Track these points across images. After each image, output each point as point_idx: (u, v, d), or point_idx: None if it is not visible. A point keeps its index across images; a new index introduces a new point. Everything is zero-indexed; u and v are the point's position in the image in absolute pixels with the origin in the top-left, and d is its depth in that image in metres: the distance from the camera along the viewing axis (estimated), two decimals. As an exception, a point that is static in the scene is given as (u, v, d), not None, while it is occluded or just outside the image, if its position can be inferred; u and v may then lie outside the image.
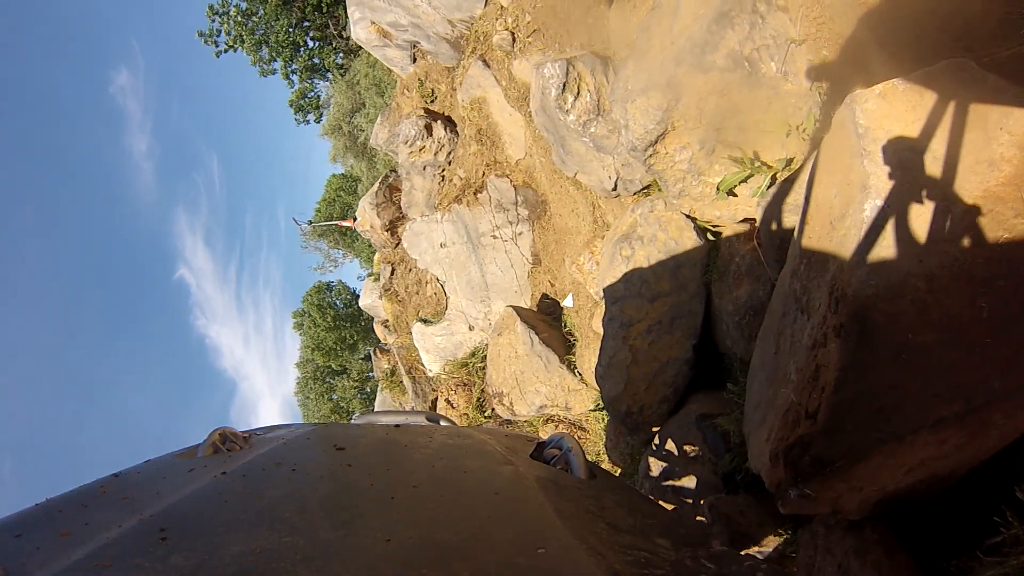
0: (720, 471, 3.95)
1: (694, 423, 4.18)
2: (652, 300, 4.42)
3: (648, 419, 4.52)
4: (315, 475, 1.60)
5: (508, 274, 8.26)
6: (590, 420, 6.52)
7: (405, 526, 1.24)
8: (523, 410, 6.91)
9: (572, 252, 6.49)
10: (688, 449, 4.17)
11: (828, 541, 2.71)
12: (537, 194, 7.92)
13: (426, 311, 9.38)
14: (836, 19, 3.73)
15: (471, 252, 8.59)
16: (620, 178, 5.29)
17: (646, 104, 4.15)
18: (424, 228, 9.16)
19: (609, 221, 6.12)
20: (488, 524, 1.30)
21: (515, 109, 7.97)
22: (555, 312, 7.42)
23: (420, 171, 9.84)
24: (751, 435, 3.16)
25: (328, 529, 1.20)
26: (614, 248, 4.65)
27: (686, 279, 4.37)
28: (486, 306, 8.48)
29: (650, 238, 4.48)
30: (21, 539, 1.22)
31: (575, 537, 1.21)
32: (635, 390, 4.46)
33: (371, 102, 24.73)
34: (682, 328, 4.36)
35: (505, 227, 8.26)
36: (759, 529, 3.37)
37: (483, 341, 8.52)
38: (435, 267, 9.08)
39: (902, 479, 2.37)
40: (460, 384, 8.41)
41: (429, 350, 9.10)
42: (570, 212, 7.04)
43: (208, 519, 1.26)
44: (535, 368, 6.66)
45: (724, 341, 4.29)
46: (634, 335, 4.44)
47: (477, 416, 7.88)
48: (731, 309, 4.10)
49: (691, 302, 4.36)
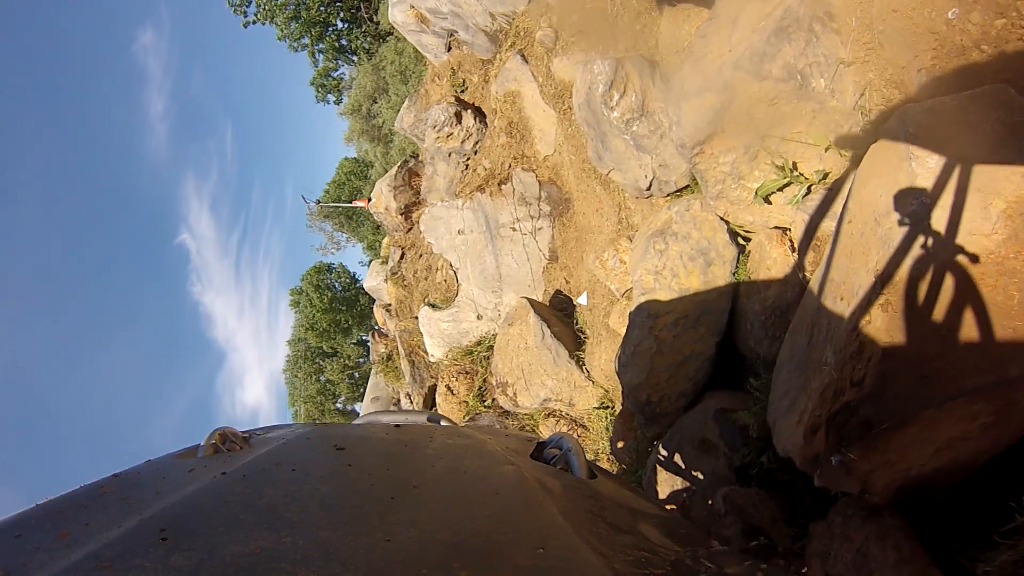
0: (735, 464, 3.99)
1: (712, 416, 4.22)
2: (681, 294, 4.49)
3: (665, 410, 4.55)
4: (315, 475, 1.61)
5: (523, 267, 8.28)
6: (592, 418, 6.53)
7: (405, 526, 1.24)
8: (527, 402, 6.92)
9: (595, 249, 6.52)
10: (703, 442, 4.19)
11: (846, 529, 2.77)
12: (561, 191, 7.96)
13: (434, 297, 9.39)
14: (885, 45, 3.82)
15: (488, 242, 8.62)
16: (656, 178, 5.34)
17: (700, 104, 4.23)
18: (443, 213, 9.17)
19: (635, 222, 6.15)
20: (488, 524, 1.31)
21: (549, 106, 8.02)
22: (567, 309, 7.44)
23: (445, 157, 9.89)
24: (777, 422, 3.26)
25: (328, 529, 1.21)
26: (648, 242, 4.70)
27: (715, 277, 4.45)
28: (497, 297, 8.49)
29: (684, 235, 4.55)
30: (21, 540, 1.23)
31: (575, 537, 1.22)
32: (657, 380, 4.50)
33: (394, 89, 24.78)
34: (707, 324, 4.42)
35: (526, 220, 8.28)
36: (771, 523, 3.40)
37: (490, 331, 8.53)
38: (450, 253, 9.09)
39: (927, 461, 2.50)
40: (462, 372, 8.40)
41: (434, 335, 9.10)
42: (594, 211, 7.07)
43: (208, 519, 1.27)
44: (543, 361, 6.67)
45: (747, 341, 4.34)
46: (660, 326, 4.49)
47: (477, 405, 7.86)
48: (758, 309, 4.18)
49: (718, 300, 4.42)
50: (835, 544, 2.80)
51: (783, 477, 3.69)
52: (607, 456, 6.19)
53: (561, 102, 7.67)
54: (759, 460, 3.82)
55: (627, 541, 1.38)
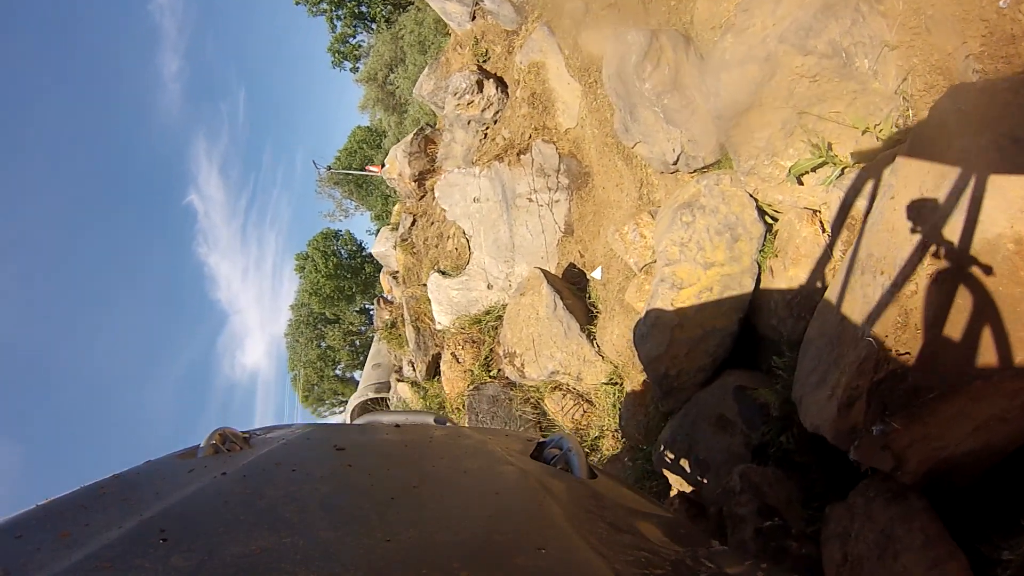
0: (752, 443, 3.94)
1: (730, 393, 4.16)
2: (706, 268, 4.40)
3: (683, 384, 4.49)
4: (315, 475, 1.60)
5: (538, 239, 8.19)
6: (600, 394, 6.46)
7: (405, 526, 1.22)
8: (534, 373, 6.84)
9: (616, 222, 6.40)
10: (720, 419, 4.13)
11: (869, 510, 2.73)
12: (581, 165, 7.86)
13: (444, 265, 9.31)
14: (933, 31, 3.77)
15: (503, 211, 8.52)
16: (683, 153, 5.24)
17: (740, 75, 4.15)
18: (459, 180, 9.07)
19: (657, 199, 6.06)
20: (488, 524, 1.30)
21: (574, 78, 7.91)
22: (580, 283, 7.36)
23: (464, 125, 9.78)
24: (804, 399, 3.21)
25: (328, 529, 1.20)
26: (674, 213, 4.62)
27: (741, 253, 4.36)
28: (509, 267, 8.41)
29: (712, 209, 4.46)
30: (21, 540, 1.22)
31: (576, 537, 1.21)
32: (676, 353, 4.42)
33: (412, 59, 24.65)
34: (731, 299, 4.34)
35: (543, 192, 8.18)
36: (786, 504, 3.36)
37: (500, 301, 8.45)
38: (464, 220, 9.00)
39: (963, 441, 2.46)
40: (469, 340, 8.33)
41: (442, 302, 9.01)
42: (614, 186, 6.97)
43: (208, 520, 1.26)
44: (554, 333, 6.59)
45: (769, 321, 4.27)
46: (683, 299, 4.42)
47: (482, 375, 7.80)
48: (784, 288, 4.12)
49: (743, 276, 4.34)
50: (856, 525, 2.75)
51: (800, 459, 3.64)
52: (613, 433, 6.15)
53: (587, 75, 7.56)
54: (778, 440, 3.76)
55: (627, 541, 1.37)
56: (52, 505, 1.42)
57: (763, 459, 3.87)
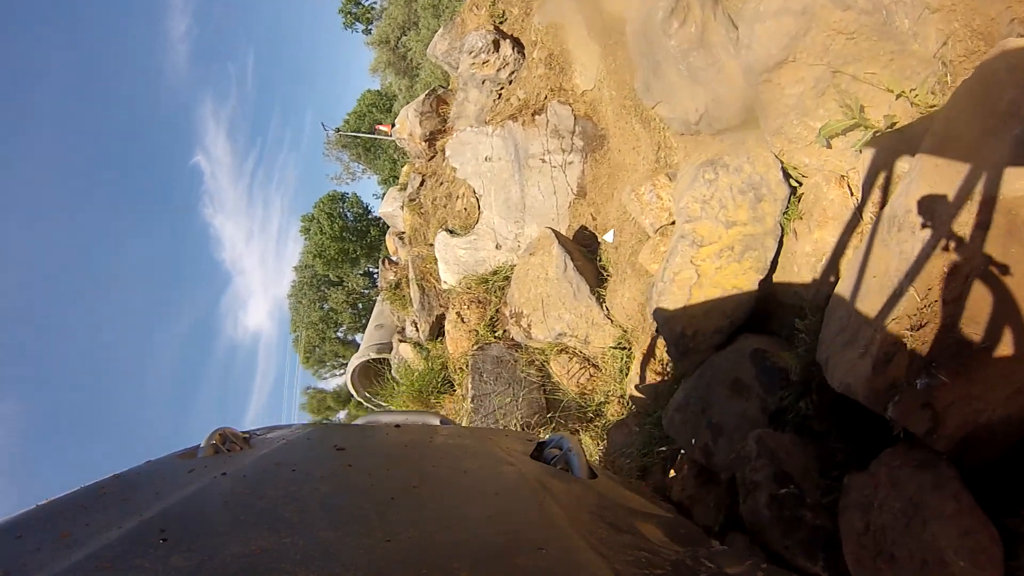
0: (769, 408, 3.82)
1: (748, 357, 4.03)
2: (728, 226, 4.26)
3: (698, 346, 4.35)
4: (315, 475, 1.60)
5: (549, 200, 8.03)
6: (607, 358, 6.34)
7: (405, 526, 1.22)
8: (540, 334, 6.73)
9: (632, 182, 6.25)
10: (735, 383, 4.03)
11: (895, 478, 2.61)
12: (597, 128, 7.70)
13: (452, 225, 9.19)
14: None
15: (515, 171, 8.36)
16: (707, 113, 5.06)
17: (776, 27, 3.96)
18: (471, 138, 8.90)
19: (675, 162, 5.91)
20: (488, 524, 1.30)
21: (593, 40, 7.73)
22: (591, 247, 7.21)
23: (478, 85, 9.58)
24: (831, 359, 3.11)
25: (328, 529, 1.20)
26: (697, 170, 4.47)
27: (764, 214, 4.21)
28: (519, 227, 8.27)
29: (736, 168, 4.31)
30: (22, 540, 1.22)
31: (576, 537, 1.20)
32: (694, 313, 4.30)
33: (425, 23, 24.44)
34: (752, 260, 4.19)
35: (557, 153, 8.01)
36: (802, 472, 3.26)
37: (508, 261, 8.31)
38: (474, 179, 8.83)
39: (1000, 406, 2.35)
40: (475, 300, 8.21)
41: (449, 262, 8.87)
42: (630, 149, 6.81)
43: (208, 520, 1.27)
44: (563, 294, 6.47)
45: (791, 285, 4.16)
46: (703, 256, 4.28)
47: (487, 335, 7.69)
48: (809, 250, 3.98)
49: (765, 237, 4.20)
50: (881, 494, 2.63)
51: (819, 426, 3.52)
52: (619, 399, 6.06)
53: (607, 37, 7.38)
54: (796, 405, 3.64)
55: (627, 541, 1.36)
56: (52, 505, 1.42)
57: (780, 425, 3.75)
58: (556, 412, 6.45)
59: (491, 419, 6.41)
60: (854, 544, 2.70)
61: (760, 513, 3.26)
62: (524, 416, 6.34)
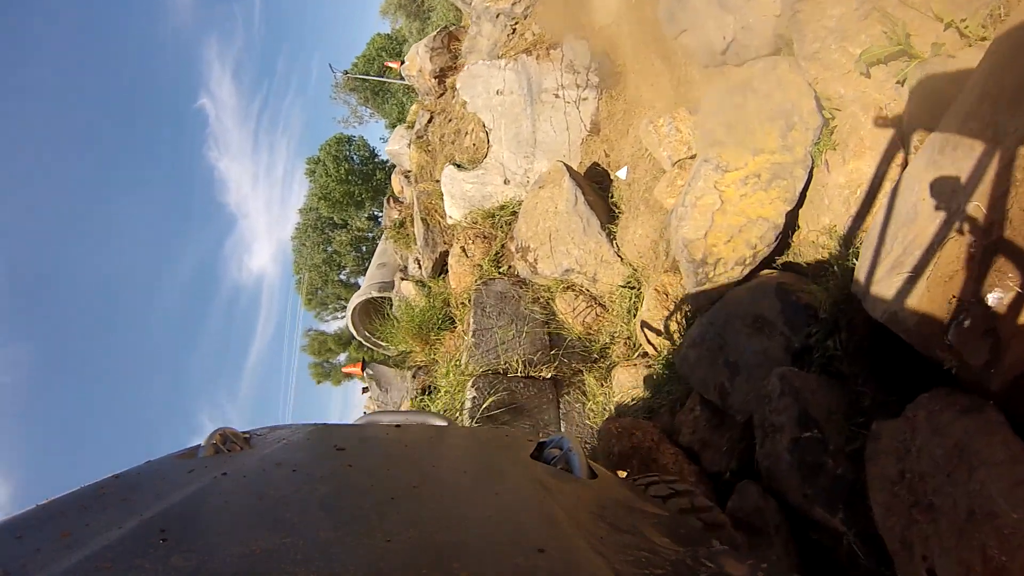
0: (794, 347, 3.61)
1: (772, 291, 3.80)
2: (755, 153, 4.00)
3: (719, 275, 4.13)
4: (315, 476, 1.59)
5: (561, 136, 7.77)
6: (614, 298, 6.14)
7: (405, 527, 1.21)
8: (547, 269, 6.53)
9: (651, 115, 5.99)
10: (757, 319, 3.83)
11: (936, 423, 2.38)
12: (614, 64, 7.40)
13: (460, 160, 8.95)
14: None
15: (527, 105, 8.07)
16: (735, 41, 4.78)
17: (820, -60, 3.69)
18: (483, 72, 8.58)
19: (695, 97, 5.64)
20: (488, 524, 1.29)
21: (614, -28, 7.40)
22: (603, 183, 6.97)
23: (492, 18, 9.30)
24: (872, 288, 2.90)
25: (328, 530, 1.19)
26: (723, 95, 4.22)
27: (794, 143, 3.95)
28: (529, 163, 8.02)
29: (766, 94, 4.04)
30: (22, 540, 1.21)
31: (576, 537, 1.20)
32: (715, 240, 4.07)
33: (439, -41, 23.79)
34: (780, 190, 3.94)
35: (571, 89, 7.72)
36: (827, 416, 3.07)
37: (515, 197, 8.08)
38: (485, 113, 8.54)
39: None
40: (480, 235, 8.01)
41: (455, 196, 8.63)
42: (649, 85, 6.53)
43: (209, 520, 1.27)
44: (572, 228, 6.25)
45: (820, 218, 3.92)
46: (727, 182, 4.04)
47: (491, 270, 7.48)
48: (842, 182, 3.74)
49: (795, 167, 3.93)
50: (919, 439, 2.42)
51: (847, 368, 3.30)
52: (625, 340, 5.89)
53: (627, -33, 7.04)
54: (824, 344, 3.44)
55: (627, 541, 1.35)
56: (52, 505, 1.42)
57: (804, 365, 3.54)
58: (560, 350, 6.29)
59: (492, 354, 6.25)
60: (886, 493, 2.50)
61: (779, 457, 3.10)
62: (527, 352, 6.18)
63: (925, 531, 2.26)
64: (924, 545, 2.25)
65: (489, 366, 6.11)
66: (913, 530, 2.32)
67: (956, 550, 2.11)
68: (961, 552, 2.09)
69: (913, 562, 2.29)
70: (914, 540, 2.31)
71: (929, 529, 2.25)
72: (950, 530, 2.16)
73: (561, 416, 5.77)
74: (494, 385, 5.80)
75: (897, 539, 2.40)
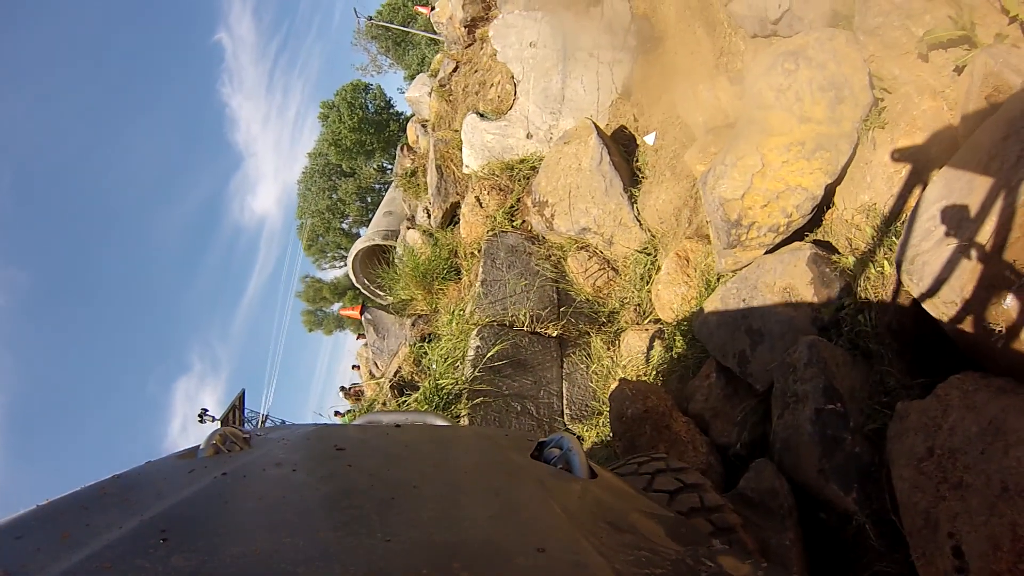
0: (822, 319, 3.56)
1: (805, 260, 3.72)
2: (801, 121, 3.89)
3: (751, 240, 4.03)
4: (316, 476, 1.59)
5: (591, 96, 7.63)
6: (628, 263, 6.07)
7: (405, 527, 1.21)
8: (563, 226, 6.43)
9: (690, 81, 5.86)
10: (786, 289, 3.76)
11: (971, 402, 2.37)
12: (654, 29, 7.22)
13: (484, 110, 8.81)
14: None
15: (559, 60, 7.92)
16: (789, 11, 4.63)
17: (899, -88, 3.56)
18: (519, 22, 8.42)
19: (737, 68, 5.51)
20: (488, 524, 1.29)
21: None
22: (629, 148, 6.85)
23: (532, -31, 9.09)
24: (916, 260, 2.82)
25: (328, 530, 1.18)
26: (775, 59, 4.08)
27: (843, 116, 3.84)
28: (554, 119, 7.89)
29: (819, 64, 3.91)
30: (22, 541, 1.19)
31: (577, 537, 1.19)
32: (751, 203, 3.96)
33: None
34: (822, 161, 3.83)
35: (607, 49, 7.55)
36: (850, 392, 3.04)
37: (537, 152, 7.95)
38: (515, 64, 8.38)
39: None
40: (496, 187, 7.87)
41: (475, 145, 8.49)
42: (688, 53, 6.37)
43: (209, 520, 1.26)
44: (593, 187, 6.13)
45: (860, 195, 3.82)
46: (769, 146, 3.93)
47: (504, 223, 7.35)
48: (887, 161, 3.65)
49: (840, 140, 3.82)
50: (952, 417, 2.40)
51: (875, 346, 3.27)
52: (635, 307, 5.82)
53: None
54: (856, 318, 3.39)
55: (628, 541, 1.34)
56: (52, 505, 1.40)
57: (831, 339, 3.49)
58: (569, 309, 6.21)
59: (500, 305, 6.17)
60: (912, 469, 2.47)
61: (800, 428, 3.05)
62: (535, 307, 6.09)
63: (953, 508, 2.23)
64: (952, 522, 2.22)
65: (495, 317, 6.03)
66: (940, 507, 2.29)
67: (986, 526, 2.09)
68: (991, 528, 2.07)
69: (937, 539, 2.26)
70: (940, 517, 2.28)
71: (958, 506, 2.22)
72: (981, 506, 2.14)
73: (564, 376, 5.72)
74: (499, 336, 5.73)
75: (921, 516, 2.37)
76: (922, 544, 2.31)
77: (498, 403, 5.21)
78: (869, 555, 2.67)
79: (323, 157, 35.60)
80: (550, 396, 5.49)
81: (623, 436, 3.95)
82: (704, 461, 3.74)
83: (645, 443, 3.79)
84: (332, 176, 35.62)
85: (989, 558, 2.03)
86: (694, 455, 3.74)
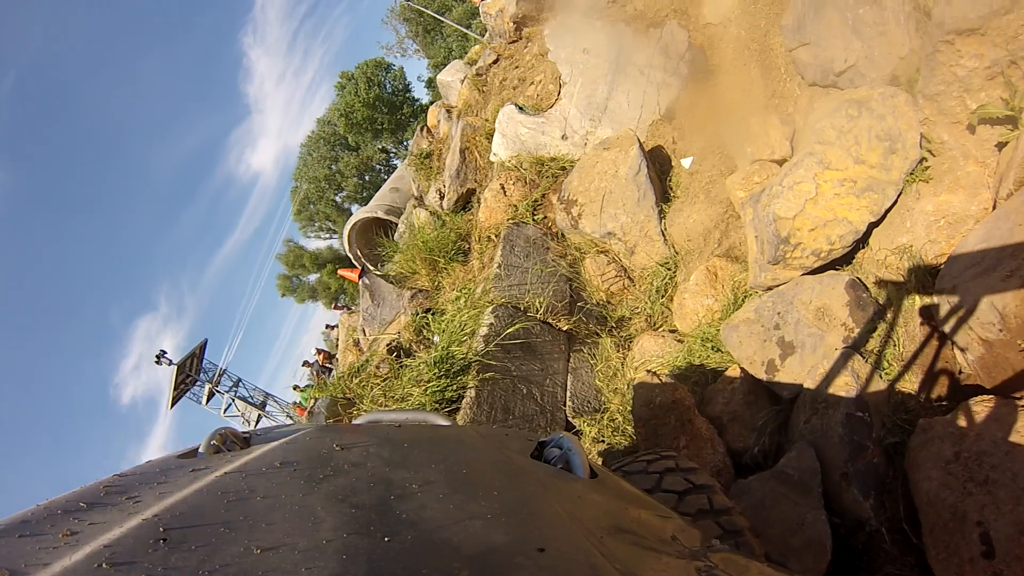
0: (855, 339, 3.76)
1: (845, 284, 3.97)
2: (856, 162, 4.17)
3: (794, 259, 4.27)
4: (316, 475, 1.58)
5: (634, 111, 7.80)
6: (646, 274, 6.23)
7: (405, 526, 1.23)
8: (589, 227, 6.55)
9: (743, 113, 6.08)
10: (821, 310, 3.98)
11: (997, 413, 2.66)
12: (708, 62, 7.43)
13: (522, 103, 8.94)
14: None
15: (610, 72, 8.09)
16: (854, 67, 4.86)
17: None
18: (578, 25, 8.61)
19: (788, 111, 5.72)
20: (488, 524, 1.28)
21: (735, -28, 7.41)
22: (663, 167, 7.05)
23: (596, -20, 9.26)
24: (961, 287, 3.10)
25: (328, 529, 1.20)
26: (840, 104, 4.34)
27: (893, 165, 4.13)
28: (593, 126, 8.04)
29: (880, 115, 4.18)
30: (22, 540, 1.22)
31: (577, 537, 1.21)
32: (801, 224, 4.19)
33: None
34: (870, 201, 4.11)
35: (658, 71, 7.75)
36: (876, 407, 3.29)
37: (569, 154, 8.07)
38: (564, 65, 8.54)
39: None
40: (522, 179, 7.97)
41: (507, 136, 8.57)
42: (740, 89, 6.57)
43: (209, 519, 1.27)
44: (626, 195, 6.28)
45: (898, 238, 4.09)
46: (826, 178, 4.19)
47: (526, 214, 7.46)
48: (929, 209, 3.95)
49: (887, 186, 4.12)
50: (979, 425, 2.67)
51: (899, 367, 3.52)
52: (647, 317, 5.98)
53: (751, -27, 7.06)
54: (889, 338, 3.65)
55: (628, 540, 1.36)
56: (53, 504, 1.43)
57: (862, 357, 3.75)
58: (583, 307, 6.33)
59: (517, 289, 6.26)
60: (939, 471, 2.72)
61: (829, 430, 3.27)
62: (550, 300, 6.18)
63: (981, 500, 2.51)
64: (979, 512, 2.50)
65: (511, 299, 6.12)
66: (967, 501, 2.56)
67: (1013, 513, 2.38)
68: (1019, 514, 2.36)
69: (964, 529, 2.53)
70: (968, 509, 2.55)
71: (985, 499, 2.50)
72: (1008, 497, 2.43)
73: (569, 369, 5.83)
74: (513, 317, 5.83)
75: (948, 510, 2.63)
76: (946, 537, 2.57)
77: (506, 382, 5.28)
78: (880, 559, 2.85)
79: (331, 126, 35.43)
80: (555, 386, 5.59)
81: (647, 423, 4.12)
82: (720, 461, 3.93)
83: (668, 432, 3.97)
84: (336, 147, 35.45)
85: (1014, 542, 2.31)
86: (712, 453, 3.94)
